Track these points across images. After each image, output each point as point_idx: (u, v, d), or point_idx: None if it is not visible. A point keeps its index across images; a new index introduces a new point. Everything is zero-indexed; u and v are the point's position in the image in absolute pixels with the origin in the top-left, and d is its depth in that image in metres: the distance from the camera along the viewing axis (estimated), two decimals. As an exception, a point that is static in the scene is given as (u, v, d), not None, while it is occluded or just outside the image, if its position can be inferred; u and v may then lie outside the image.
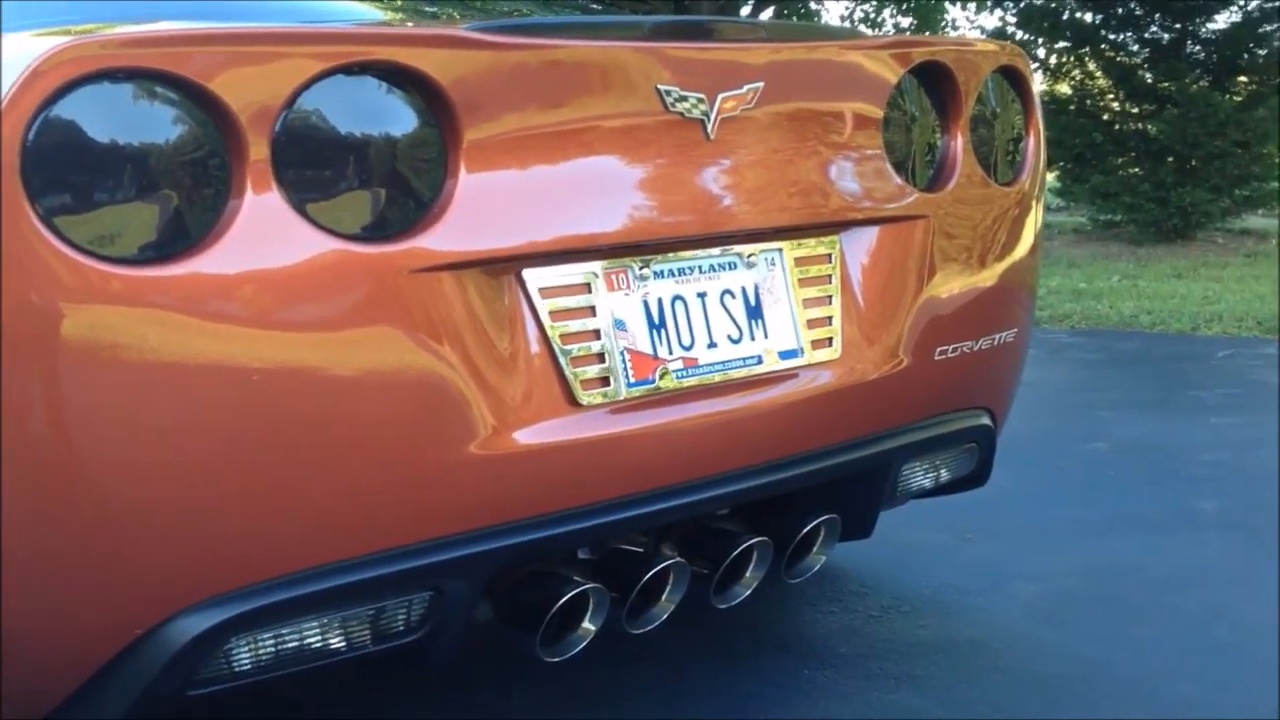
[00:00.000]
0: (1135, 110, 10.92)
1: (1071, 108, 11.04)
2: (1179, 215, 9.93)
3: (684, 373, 1.97)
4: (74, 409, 1.50)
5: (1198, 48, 10.79)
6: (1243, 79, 10.72)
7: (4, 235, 1.44)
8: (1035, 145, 2.47)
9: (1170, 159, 10.29)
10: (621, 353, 1.90)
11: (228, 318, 1.55)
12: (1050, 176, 10.68)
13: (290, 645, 1.71)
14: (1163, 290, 7.36)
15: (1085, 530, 3.28)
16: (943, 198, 2.28)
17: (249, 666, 1.69)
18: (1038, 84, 2.45)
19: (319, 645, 1.74)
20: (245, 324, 1.56)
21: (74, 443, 1.51)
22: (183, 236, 1.54)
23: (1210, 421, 4.42)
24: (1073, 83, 11.51)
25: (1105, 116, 11.06)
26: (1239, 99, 10.46)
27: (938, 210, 2.27)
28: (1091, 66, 11.34)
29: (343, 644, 1.76)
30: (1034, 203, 2.48)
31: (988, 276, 2.37)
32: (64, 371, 1.49)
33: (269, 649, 1.70)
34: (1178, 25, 10.71)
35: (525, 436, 1.79)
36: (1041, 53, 11.60)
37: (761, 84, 2.01)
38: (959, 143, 2.31)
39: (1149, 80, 10.78)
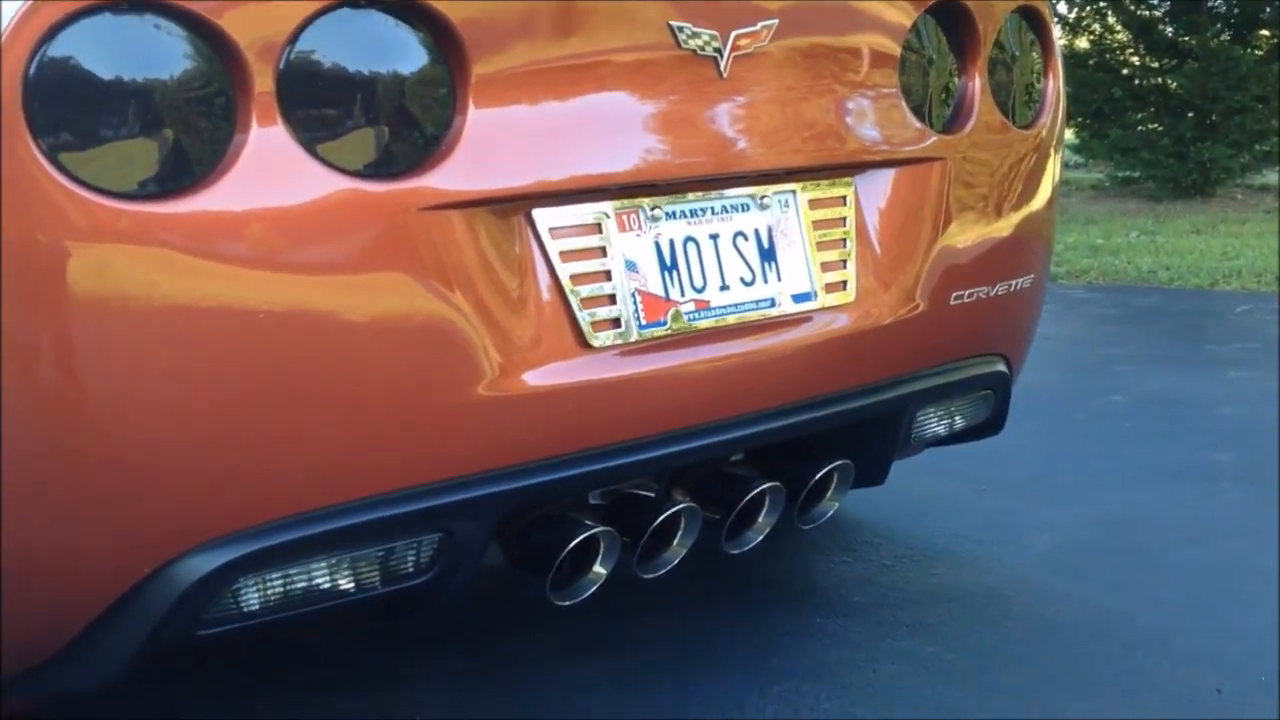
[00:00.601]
0: (1155, 65, 10.78)
1: (1090, 62, 10.90)
2: (1198, 171, 9.83)
3: (696, 315, 1.95)
4: (80, 346, 1.48)
5: (1219, 1, 10.65)
6: (1264, 33, 10.56)
7: (7, 171, 1.42)
8: (1054, 87, 2.43)
9: (1190, 114, 10.17)
10: (633, 294, 1.88)
11: (233, 254, 1.53)
12: (1069, 133, 10.57)
13: (299, 586, 1.70)
14: (1181, 246, 7.29)
15: (1101, 482, 3.26)
16: (960, 140, 2.25)
17: (257, 607, 1.69)
18: (1056, 38, 2.41)
19: (328, 586, 1.73)
20: (251, 260, 1.54)
21: (80, 381, 1.49)
22: (187, 172, 1.51)
23: (1227, 375, 4.38)
24: (1092, 37, 11.36)
25: (1124, 71, 10.92)
26: (1260, 53, 10.31)
27: (955, 152, 2.24)
28: (1111, 20, 11.19)
29: (351, 585, 1.75)
30: (1052, 146, 2.45)
31: (1005, 221, 2.34)
32: (70, 309, 1.47)
33: (278, 589, 1.69)
34: (1198, -22, 10.57)
35: (535, 378, 1.78)
36: (1062, 7, 11.45)
37: (776, 21, 1.97)
38: (976, 84, 2.27)
39: (1169, 34, 10.65)
